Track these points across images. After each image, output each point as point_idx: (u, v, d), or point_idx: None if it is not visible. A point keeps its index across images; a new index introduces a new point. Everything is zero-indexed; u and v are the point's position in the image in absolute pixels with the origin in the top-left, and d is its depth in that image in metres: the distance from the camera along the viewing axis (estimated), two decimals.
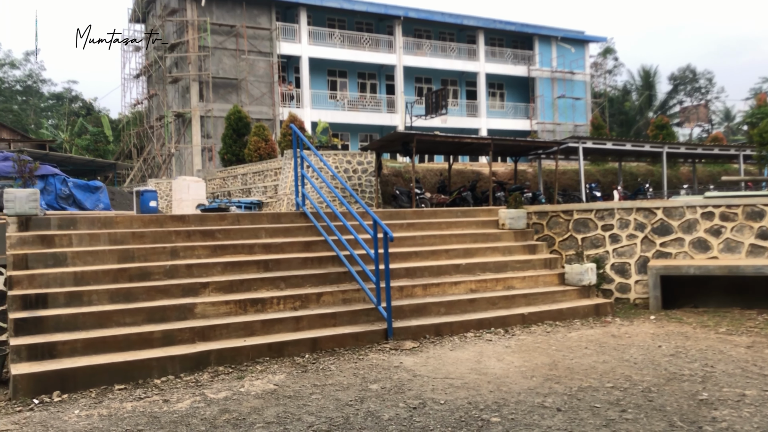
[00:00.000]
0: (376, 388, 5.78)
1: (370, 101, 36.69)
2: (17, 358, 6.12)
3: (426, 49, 37.89)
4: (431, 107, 27.95)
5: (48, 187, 13.75)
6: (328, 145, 20.48)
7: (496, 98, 41.22)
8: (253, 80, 32.21)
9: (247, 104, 31.12)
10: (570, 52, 41.89)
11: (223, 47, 31.76)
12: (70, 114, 50.26)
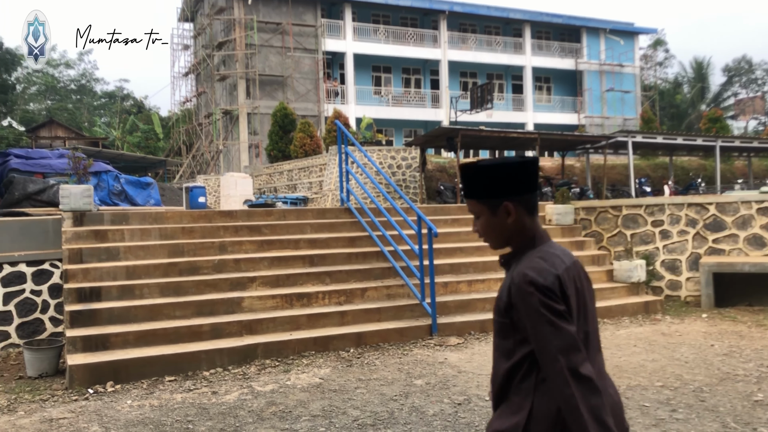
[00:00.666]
0: (421, 383, 5.79)
1: (414, 96, 36.62)
2: (73, 349, 6.32)
3: (471, 43, 37.59)
4: (476, 102, 27.73)
5: (101, 183, 14.14)
6: (372, 140, 20.54)
7: (542, 92, 40.65)
8: (299, 77, 32.49)
9: (293, 101, 31.42)
10: (619, 45, 41.00)
11: (269, 45, 32.12)
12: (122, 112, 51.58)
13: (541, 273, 1.80)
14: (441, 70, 36.40)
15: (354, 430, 4.66)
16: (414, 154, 18.78)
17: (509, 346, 1.88)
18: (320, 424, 4.79)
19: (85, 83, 58.21)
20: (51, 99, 55.38)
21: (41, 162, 14.31)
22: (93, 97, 58.60)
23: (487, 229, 1.97)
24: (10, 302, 7.76)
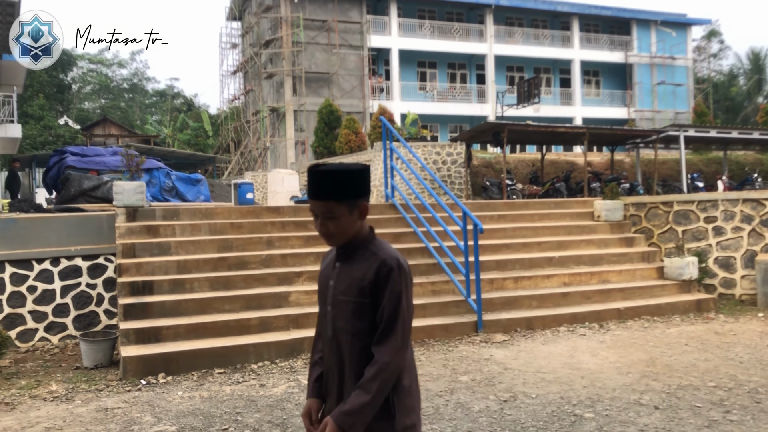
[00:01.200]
0: (466, 379, 5.78)
1: (459, 91, 36.40)
2: (126, 341, 6.52)
3: (518, 37, 37.15)
4: (523, 96, 27.41)
5: (153, 179, 14.48)
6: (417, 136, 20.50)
7: (591, 86, 39.89)
8: (344, 74, 32.64)
9: (338, 97, 31.59)
10: (671, 36, 39.94)
11: (315, 42, 32.36)
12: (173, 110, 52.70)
13: (403, 259, 2.15)
14: (487, 65, 36.08)
15: None
16: (459, 149, 18.68)
17: (365, 326, 2.12)
18: None
19: (137, 82, 59.70)
20: (105, 98, 56.99)
21: (96, 159, 14.74)
22: (145, 96, 60.06)
23: (341, 228, 2.15)
24: (67, 295, 8.04)
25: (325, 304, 2.25)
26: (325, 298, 2.25)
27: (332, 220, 2.14)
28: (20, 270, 7.87)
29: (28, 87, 34.90)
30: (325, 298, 2.25)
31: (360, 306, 2.12)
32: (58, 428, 4.81)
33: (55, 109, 43.60)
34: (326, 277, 2.27)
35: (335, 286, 2.20)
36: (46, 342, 7.89)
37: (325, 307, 2.24)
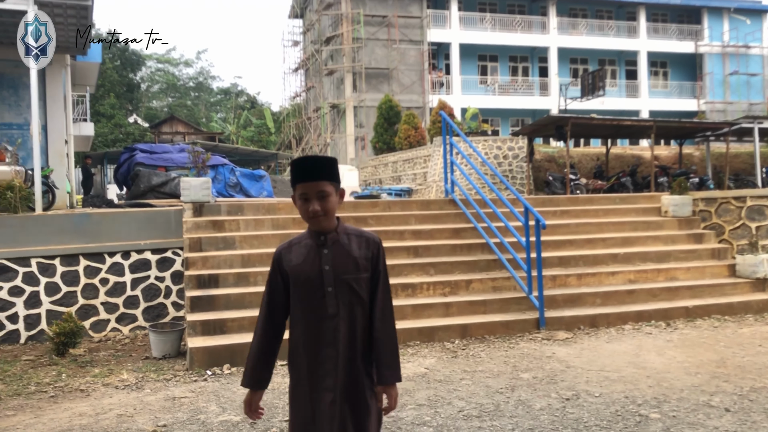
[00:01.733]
0: (528, 377, 5.71)
1: (521, 85, 35.88)
2: (193, 332, 6.71)
3: (582, 28, 36.32)
4: (587, 89, 26.82)
5: (218, 176, 14.86)
6: (477, 131, 20.34)
7: (658, 77, 38.65)
8: (404, 69, 32.65)
9: (398, 93, 31.63)
10: (745, 24, 38.27)
11: (375, 38, 32.47)
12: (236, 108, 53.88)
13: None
14: (550, 57, 35.43)
15: (459, 420, 4.67)
16: (521, 143, 18.43)
17: (364, 297, 2.50)
18: (425, 413, 4.83)
19: (203, 81, 61.29)
20: (172, 96, 58.73)
21: (164, 156, 15.23)
22: (210, 94, 61.61)
23: (331, 206, 2.48)
24: (137, 287, 8.34)
25: (322, 287, 2.47)
26: (321, 281, 2.47)
27: (324, 200, 2.45)
28: (93, 263, 8.21)
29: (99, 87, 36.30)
30: (320, 282, 2.47)
31: (364, 280, 2.51)
32: (129, 415, 5.00)
33: (125, 108, 45.20)
34: (313, 265, 2.49)
35: (334, 268, 2.47)
36: (117, 332, 8.20)
37: (324, 288, 2.47)
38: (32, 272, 7.96)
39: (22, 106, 12.39)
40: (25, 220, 8.21)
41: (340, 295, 2.47)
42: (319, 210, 2.44)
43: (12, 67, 12.11)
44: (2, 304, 7.81)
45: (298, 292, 2.52)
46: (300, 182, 2.47)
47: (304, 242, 2.55)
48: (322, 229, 2.50)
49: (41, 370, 6.53)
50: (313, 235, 2.53)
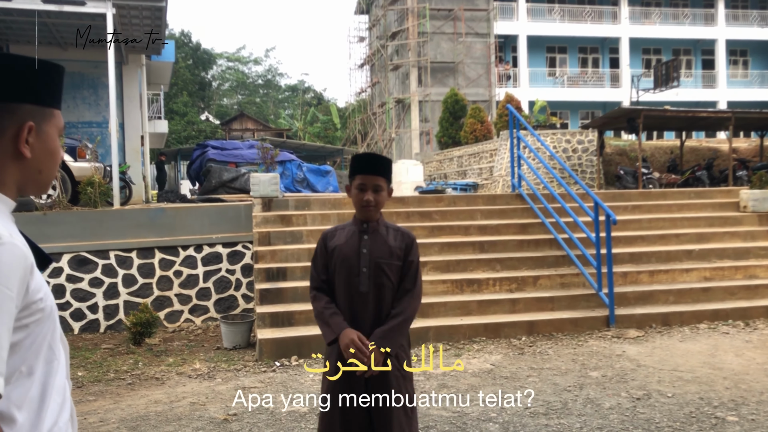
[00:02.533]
0: (596, 375, 5.59)
1: (591, 77, 34.97)
2: (262, 324, 6.87)
3: (655, 17, 35.08)
4: (660, 80, 25.90)
5: (285, 171, 15.13)
6: (545, 124, 19.95)
7: (737, 66, 36.92)
8: (470, 62, 32.35)
9: (464, 87, 31.37)
10: None
11: (440, 32, 32.29)
12: (303, 104, 54.66)
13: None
14: (621, 48, 34.38)
15: (526, 417, 4.61)
16: (591, 137, 17.98)
17: (398, 280, 2.84)
18: (491, 409, 4.80)
19: (271, 78, 62.44)
20: (241, 94, 60.10)
21: (234, 152, 15.61)
22: (278, 91, 62.71)
23: (382, 200, 2.84)
24: (209, 280, 8.59)
25: (358, 266, 2.82)
26: (357, 262, 2.82)
27: (378, 193, 2.81)
28: (168, 256, 8.51)
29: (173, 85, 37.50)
30: (357, 263, 2.82)
31: (396, 266, 2.83)
32: (201, 404, 5.16)
33: (197, 106, 46.55)
34: (353, 247, 2.85)
35: (371, 252, 2.82)
36: (190, 323, 8.48)
37: (359, 268, 2.81)
38: (111, 264, 8.31)
39: (101, 105, 12.94)
40: (103, 214, 8.58)
41: (373, 275, 2.80)
42: (371, 200, 2.79)
43: (92, 68, 12.66)
44: (83, 294, 8.19)
45: (338, 270, 2.86)
46: (359, 173, 2.82)
47: (348, 228, 2.93)
48: (367, 219, 2.86)
49: (119, 358, 6.82)
50: (358, 222, 2.90)
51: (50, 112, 1.35)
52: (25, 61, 1.30)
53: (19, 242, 1.20)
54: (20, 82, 1.29)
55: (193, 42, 49.92)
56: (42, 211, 8.34)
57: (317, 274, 2.92)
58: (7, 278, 1.14)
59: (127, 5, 10.23)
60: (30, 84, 1.30)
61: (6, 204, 1.30)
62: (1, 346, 1.11)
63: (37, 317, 1.24)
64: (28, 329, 1.22)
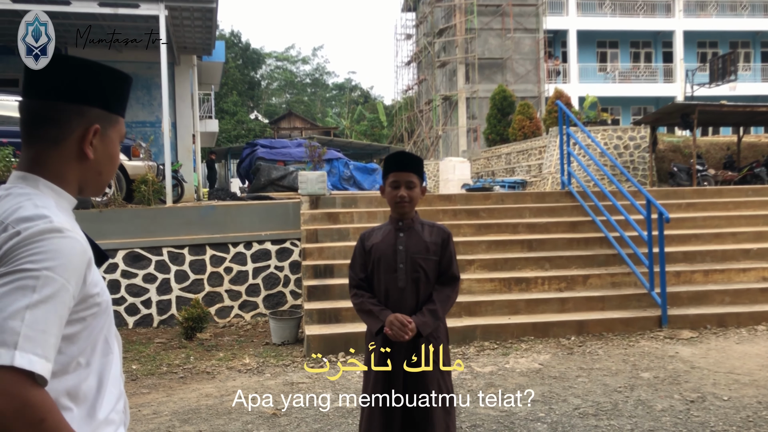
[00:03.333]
0: (648, 376, 5.47)
1: (644, 71, 34.15)
2: (309, 320, 6.95)
3: (711, 9, 34.03)
4: (716, 74, 25.11)
5: (332, 169, 15.23)
6: (596, 120, 19.58)
7: None
8: (518, 58, 31.98)
9: (512, 83, 31.03)
10: None
11: (488, 28, 32.01)
12: (350, 102, 54.92)
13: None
14: (675, 42, 33.48)
15: (575, 418, 4.55)
16: (643, 133, 17.58)
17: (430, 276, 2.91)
18: (539, 409, 4.75)
19: (318, 77, 62.95)
20: (289, 93, 60.78)
21: (282, 151, 15.80)
22: (325, 90, 63.19)
23: (415, 196, 2.92)
24: (258, 276, 8.73)
25: (395, 263, 2.90)
26: (394, 259, 2.90)
27: (411, 189, 2.89)
28: (218, 252, 8.68)
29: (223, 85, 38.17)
30: (394, 259, 2.90)
31: (432, 261, 2.91)
32: (251, 398, 5.25)
33: (247, 105, 47.28)
34: (390, 244, 2.93)
35: (407, 249, 2.90)
36: (240, 318, 8.63)
37: (396, 265, 2.90)
38: (164, 260, 8.52)
39: (154, 105, 13.27)
40: (157, 211, 8.80)
41: (410, 271, 2.89)
42: (405, 196, 2.87)
43: (145, 69, 12.98)
44: (137, 290, 8.42)
45: (376, 268, 2.95)
46: (393, 171, 2.92)
47: (385, 227, 3.04)
48: (402, 216, 2.95)
49: (172, 353, 6.99)
50: (393, 221, 2.99)
51: (115, 118, 1.41)
52: (98, 67, 1.37)
53: (80, 237, 1.25)
54: (92, 86, 1.35)
55: (242, 42, 50.67)
56: (98, 209, 8.60)
57: (356, 274, 3.02)
58: (66, 269, 1.19)
59: (178, 7, 10.46)
60: (100, 89, 1.36)
61: (68, 201, 1.36)
62: (49, 332, 1.15)
63: (93, 311, 1.29)
64: (85, 322, 1.27)
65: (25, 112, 1.34)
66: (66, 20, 10.94)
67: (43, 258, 1.16)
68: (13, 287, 1.13)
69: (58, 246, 1.19)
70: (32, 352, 1.12)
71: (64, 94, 1.32)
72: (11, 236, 1.18)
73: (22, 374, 1.11)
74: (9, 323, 1.10)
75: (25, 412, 1.09)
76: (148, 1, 9.92)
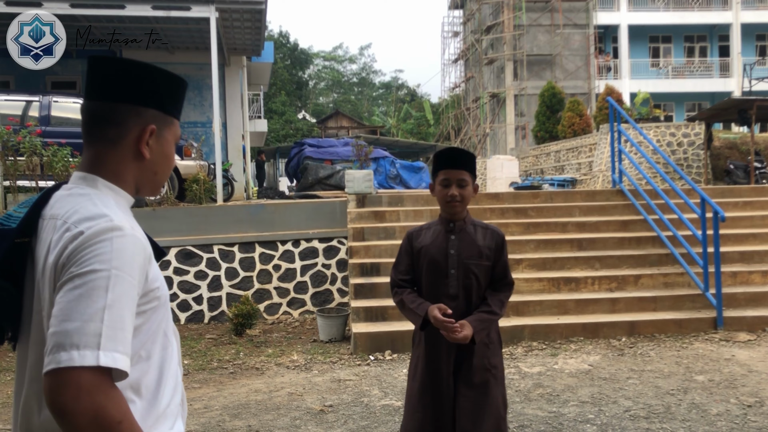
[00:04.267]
0: (702, 379, 5.32)
1: (698, 66, 33.19)
2: (356, 318, 6.99)
3: None
4: None
5: (379, 168, 15.28)
6: (648, 117, 19.13)
7: None
8: (568, 54, 31.48)
9: (561, 79, 30.56)
10: None
11: (537, 24, 31.60)
12: (397, 101, 54.96)
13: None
14: (732, 35, 32.43)
15: (625, 420, 4.46)
16: (697, 129, 17.09)
17: (483, 283, 2.75)
18: (589, 410, 4.68)
19: (365, 76, 63.19)
20: (336, 92, 61.20)
21: (329, 150, 15.92)
22: (372, 89, 63.39)
23: (467, 195, 2.74)
24: (306, 274, 8.82)
25: (446, 268, 2.73)
26: (445, 264, 2.73)
27: (463, 188, 2.71)
28: (267, 250, 8.80)
29: (272, 85, 38.67)
30: (445, 264, 2.73)
31: (485, 267, 2.74)
32: (299, 394, 5.32)
33: (295, 105, 47.80)
34: (441, 248, 2.76)
35: (459, 253, 2.73)
36: (288, 315, 8.74)
37: (447, 270, 2.73)
38: (214, 258, 8.69)
39: (205, 106, 13.54)
40: (208, 210, 8.98)
41: (462, 277, 2.72)
42: (457, 195, 2.70)
43: (196, 70, 13.26)
44: (189, 286, 8.61)
45: (424, 272, 2.78)
46: (443, 169, 2.74)
47: (434, 227, 2.84)
48: (453, 216, 2.77)
49: (222, 348, 7.13)
50: (444, 221, 2.81)
51: (171, 120, 1.46)
52: (154, 69, 1.41)
53: (140, 234, 1.30)
54: (148, 88, 1.40)
55: (290, 42, 51.23)
56: (151, 207, 8.83)
57: (400, 274, 2.86)
58: (131, 266, 1.23)
59: (228, 9, 10.65)
60: (157, 91, 1.41)
61: (126, 199, 1.41)
62: (125, 327, 1.20)
63: (153, 305, 1.33)
64: (146, 315, 1.31)
65: (85, 113, 1.40)
66: (120, 23, 11.26)
67: (110, 258, 1.21)
68: (88, 289, 1.18)
69: (121, 245, 1.23)
70: (114, 350, 1.17)
71: (122, 96, 1.37)
72: (75, 236, 1.23)
73: (104, 374, 1.16)
74: (90, 326, 1.15)
75: (105, 412, 1.14)
76: (200, 4, 10.13)
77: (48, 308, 1.24)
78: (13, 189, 8.66)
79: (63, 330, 1.15)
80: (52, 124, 9.33)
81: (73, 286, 1.18)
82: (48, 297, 1.25)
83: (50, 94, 10.00)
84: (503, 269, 2.80)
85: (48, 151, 8.27)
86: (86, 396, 1.12)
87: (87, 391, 1.13)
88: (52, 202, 1.35)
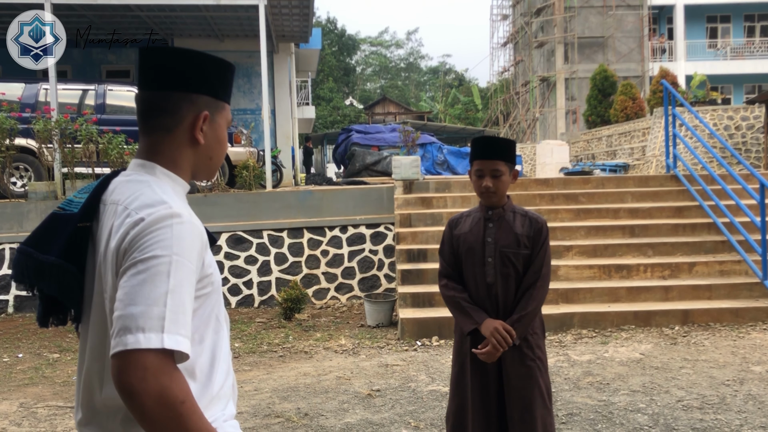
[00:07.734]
0: (760, 370, 5.17)
1: (759, 47, 31.91)
2: (403, 304, 7.01)
3: None
4: None
5: (426, 154, 15.23)
6: (704, 100, 18.53)
7: None
8: (620, 36, 30.67)
9: (613, 62, 29.82)
10: None
11: (588, 5, 30.86)
12: (444, 86, 54.60)
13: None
14: None
15: (678, 410, 4.37)
16: (757, 113, 16.48)
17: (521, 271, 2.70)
18: (640, 399, 4.60)
19: (412, 61, 62.91)
20: (384, 78, 61.13)
21: (376, 136, 15.96)
22: (419, 74, 63.08)
23: (503, 185, 2.69)
24: (353, 259, 8.88)
25: (483, 256, 2.72)
26: (482, 252, 2.72)
27: (497, 179, 2.67)
28: (315, 236, 8.89)
29: (319, 72, 38.85)
30: (482, 252, 2.73)
31: (523, 255, 2.69)
32: (347, 378, 5.38)
33: (342, 91, 47.94)
34: (478, 236, 2.75)
35: (496, 241, 2.71)
36: (336, 300, 8.83)
37: (484, 258, 2.72)
38: (264, 243, 8.83)
39: (254, 93, 13.70)
40: (257, 196, 9.11)
41: (499, 266, 2.70)
42: (490, 186, 2.68)
43: (246, 58, 13.42)
44: (240, 271, 8.77)
45: (464, 260, 2.80)
46: (477, 159, 2.72)
47: (474, 215, 2.84)
48: (491, 205, 2.75)
49: (271, 332, 7.26)
50: (483, 209, 2.80)
51: (222, 105, 1.48)
52: (204, 57, 1.44)
53: (196, 221, 1.34)
54: (200, 75, 1.43)
55: (338, 29, 51.34)
56: (203, 193, 9.01)
57: (445, 263, 2.88)
58: (189, 252, 1.27)
59: None
60: (208, 78, 1.44)
61: (182, 186, 1.45)
62: (186, 311, 1.24)
63: (208, 290, 1.37)
64: (201, 300, 1.35)
65: (140, 103, 1.43)
66: (172, 12, 11.46)
67: (170, 244, 1.25)
68: (151, 274, 1.22)
69: (180, 231, 1.27)
70: (177, 333, 1.21)
71: (175, 84, 1.40)
72: (136, 222, 1.27)
73: (167, 356, 1.20)
74: (154, 309, 1.20)
75: (170, 392, 1.18)
76: None
77: (110, 291, 1.29)
78: (71, 175, 8.96)
79: (128, 314, 1.19)
80: (107, 112, 9.60)
81: (137, 271, 1.22)
82: (110, 280, 1.29)
83: (105, 82, 10.28)
84: (541, 260, 2.71)
85: (103, 139, 8.53)
86: (152, 377, 1.16)
87: (152, 372, 1.17)
88: (112, 188, 1.39)
